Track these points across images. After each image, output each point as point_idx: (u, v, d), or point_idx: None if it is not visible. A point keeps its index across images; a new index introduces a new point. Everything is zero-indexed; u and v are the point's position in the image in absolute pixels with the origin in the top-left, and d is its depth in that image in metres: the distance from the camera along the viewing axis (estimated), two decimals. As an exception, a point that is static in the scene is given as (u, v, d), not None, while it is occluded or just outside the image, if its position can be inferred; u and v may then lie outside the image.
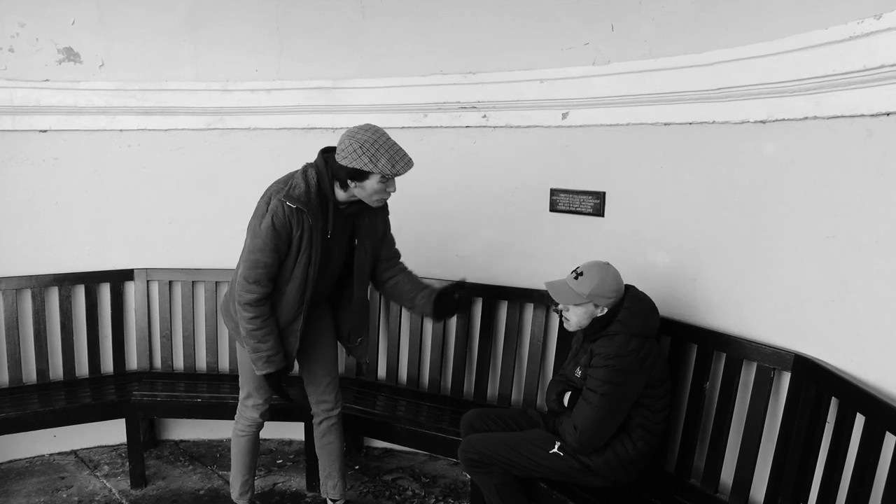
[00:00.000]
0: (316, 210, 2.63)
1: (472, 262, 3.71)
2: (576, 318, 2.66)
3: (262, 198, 2.70)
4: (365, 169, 2.50)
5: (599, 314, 2.63)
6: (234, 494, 3.15)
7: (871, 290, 2.22)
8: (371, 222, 2.83)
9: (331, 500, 3.21)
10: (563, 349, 3.32)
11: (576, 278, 2.64)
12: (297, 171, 2.69)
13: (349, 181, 2.58)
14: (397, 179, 2.62)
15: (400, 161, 2.52)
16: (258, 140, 3.88)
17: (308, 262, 2.67)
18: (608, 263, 2.68)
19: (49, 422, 3.50)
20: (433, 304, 2.90)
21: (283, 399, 2.94)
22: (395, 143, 2.56)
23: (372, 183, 2.56)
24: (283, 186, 2.64)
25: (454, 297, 2.92)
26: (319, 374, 3.03)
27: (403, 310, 3.80)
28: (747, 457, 2.59)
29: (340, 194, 2.65)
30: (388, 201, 2.76)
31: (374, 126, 2.57)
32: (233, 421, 3.07)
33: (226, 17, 3.73)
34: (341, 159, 2.53)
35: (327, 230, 2.70)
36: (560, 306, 2.72)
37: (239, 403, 3.04)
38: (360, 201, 2.67)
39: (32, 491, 3.60)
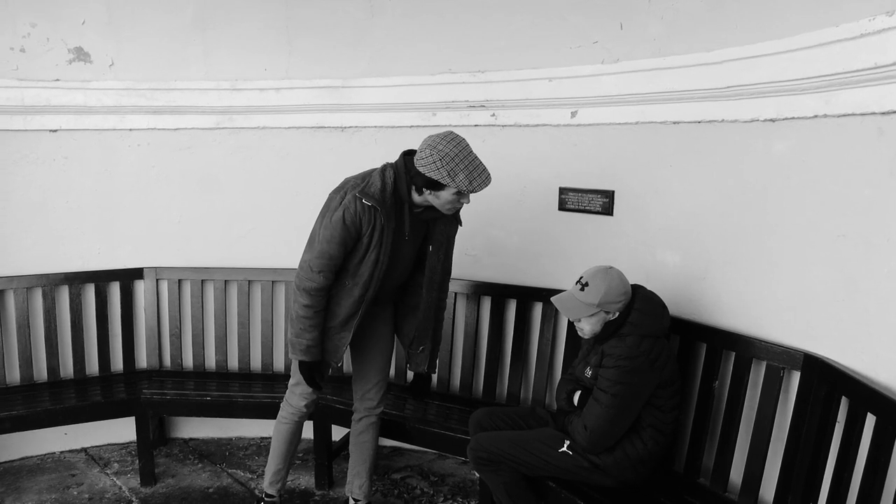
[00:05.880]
0: (390, 210, 2.65)
1: (481, 261, 3.71)
2: (589, 326, 2.64)
3: (335, 191, 2.72)
4: (442, 182, 2.53)
5: (611, 318, 2.62)
6: (265, 482, 3.15)
7: (882, 289, 2.20)
8: (445, 230, 2.84)
9: (354, 498, 3.20)
10: (572, 348, 3.32)
11: (581, 289, 2.61)
12: (375, 169, 2.70)
13: (424, 189, 2.61)
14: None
15: (478, 178, 2.53)
16: (267, 139, 3.90)
17: (376, 261, 2.69)
18: (610, 267, 2.65)
19: (60, 419, 3.53)
20: (415, 378, 3.10)
21: (314, 387, 2.89)
22: (476, 157, 2.56)
23: (447, 194, 2.59)
24: (360, 183, 2.66)
25: (420, 386, 3.12)
26: (371, 372, 3.05)
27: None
28: (757, 456, 2.59)
29: (416, 197, 2.68)
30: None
31: (458, 138, 2.57)
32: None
33: (234, 17, 3.74)
34: (420, 166, 2.55)
35: (404, 231, 2.73)
36: None
37: (287, 390, 3.02)
38: (434, 208, 2.69)
39: (43, 488, 3.63)
